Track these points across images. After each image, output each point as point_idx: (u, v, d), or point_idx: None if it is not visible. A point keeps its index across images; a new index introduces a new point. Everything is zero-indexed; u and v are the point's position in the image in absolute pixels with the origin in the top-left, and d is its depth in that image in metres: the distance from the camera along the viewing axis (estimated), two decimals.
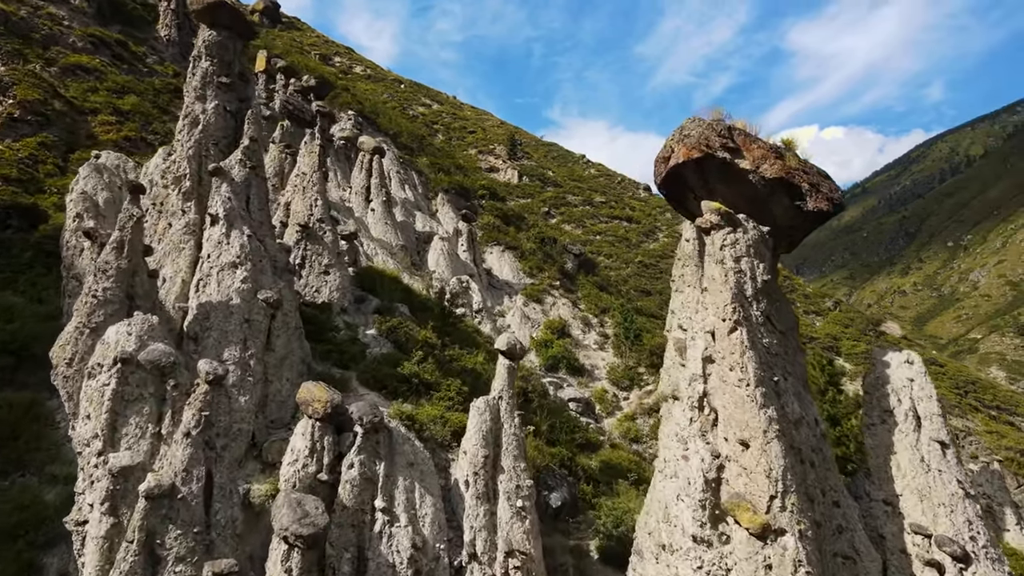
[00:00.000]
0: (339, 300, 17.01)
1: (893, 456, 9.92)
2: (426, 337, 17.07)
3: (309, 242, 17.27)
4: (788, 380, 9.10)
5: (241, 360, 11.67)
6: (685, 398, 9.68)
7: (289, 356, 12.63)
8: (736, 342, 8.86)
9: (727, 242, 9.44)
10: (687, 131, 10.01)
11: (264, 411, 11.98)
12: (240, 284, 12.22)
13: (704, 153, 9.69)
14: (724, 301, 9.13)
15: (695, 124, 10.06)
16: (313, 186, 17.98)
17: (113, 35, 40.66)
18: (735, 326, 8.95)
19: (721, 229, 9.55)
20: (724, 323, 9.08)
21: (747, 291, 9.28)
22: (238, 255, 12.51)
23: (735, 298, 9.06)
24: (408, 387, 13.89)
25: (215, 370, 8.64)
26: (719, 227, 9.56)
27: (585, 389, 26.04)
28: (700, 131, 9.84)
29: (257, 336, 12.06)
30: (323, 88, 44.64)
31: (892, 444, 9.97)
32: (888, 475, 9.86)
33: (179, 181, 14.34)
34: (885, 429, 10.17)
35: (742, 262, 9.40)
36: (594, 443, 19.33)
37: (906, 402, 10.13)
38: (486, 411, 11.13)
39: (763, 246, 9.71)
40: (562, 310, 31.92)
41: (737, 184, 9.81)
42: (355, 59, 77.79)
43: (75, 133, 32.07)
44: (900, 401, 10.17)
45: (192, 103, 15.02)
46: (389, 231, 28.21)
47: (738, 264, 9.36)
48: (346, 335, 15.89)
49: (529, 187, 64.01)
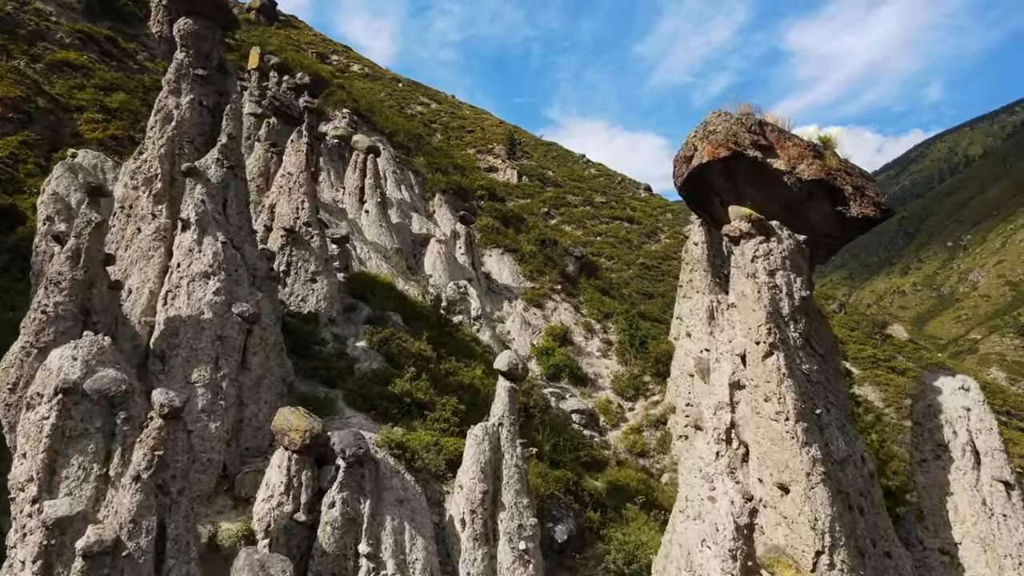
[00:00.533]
0: (327, 310, 15.82)
1: (950, 498, 8.78)
2: (420, 349, 15.89)
3: (295, 247, 16.08)
4: (831, 412, 7.96)
5: (212, 382, 10.49)
6: (710, 429, 8.52)
7: (267, 376, 11.44)
8: (772, 369, 7.71)
9: (759, 253, 8.29)
10: (712, 127, 8.85)
11: (238, 438, 10.80)
12: (212, 296, 11.03)
13: (732, 152, 8.54)
14: (757, 321, 7.98)
15: (721, 119, 8.90)
16: (300, 187, 16.79)
17: (102, 31, 39.46)
18: (770, 350, 7.81)
19: (752, 238, 8.40)
20: (757, 346, 7.93)
21: (783, 309, 8.13)
22: (210, 264, 11.32)
23: (770, 317, 7.92)
24: (399, 408, 12.70)
25: (171, 401, 7.46)
26: (750, 236, 8.41)
27: (588, 399, 24.87)
28: (727, 127, 8.69)
29: (231, 354, 10.87)
30: (317, 85, 43.41)
31: (948, 484, 8.84)
32: (944, 520, 8.73)
33: (150, 182, 13.15)
34: (939, 466, 9.03)
35: (777, 276, 8.25)
36: (600, 461, 18.17)
37: (962, 435, 8.99)
38: (484, 440, 9.95)
39: (800, 257, 8.56)
40: (564, 315, 30.75)
41: (770, 187, 8.67)
42: (352, 57, 76.56)
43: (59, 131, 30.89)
44: (955, 434, 9.03)
45: (165, 97, 13.82)
46: (384, 233, 27.02)
47: (772, 278, 8.21)
48: (333, 348, 14.71)
49: (529, 187, 62.83)
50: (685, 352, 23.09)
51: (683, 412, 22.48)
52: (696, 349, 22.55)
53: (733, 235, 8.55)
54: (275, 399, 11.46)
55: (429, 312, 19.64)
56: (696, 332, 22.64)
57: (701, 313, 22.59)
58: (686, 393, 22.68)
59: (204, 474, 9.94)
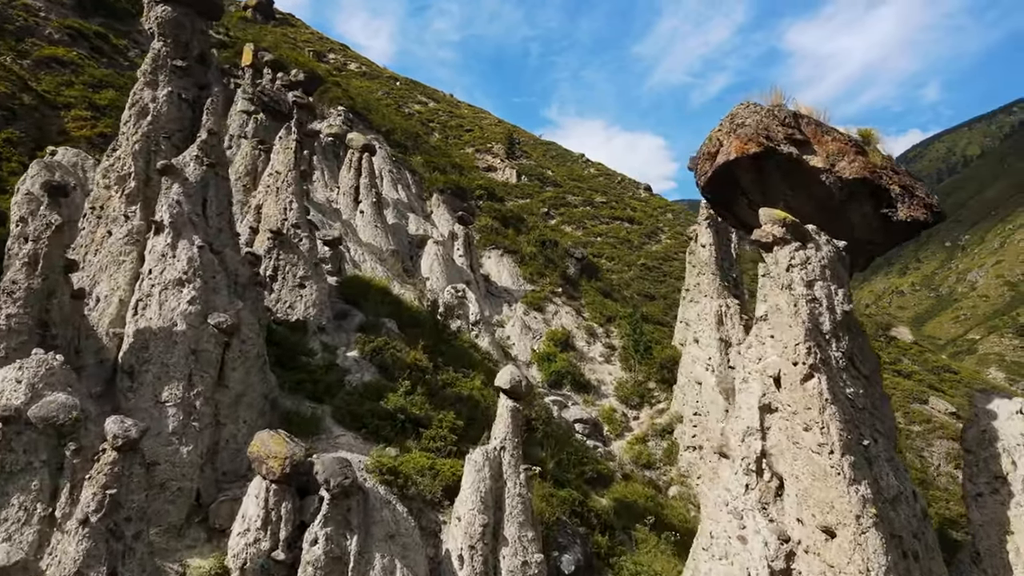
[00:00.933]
0: (316, 317, 14.86)
1: (1010, 537, 7.87)
2: (416, 359, 14.93)
3: (282, 251, 15.12)
4: (879, 442, 7.03)
5: (185, 401, 9.52)
6: (738, 457, 7.59)
7: (247, 392, 10.48)
8: (813, 394, 6.79)
9: (795, 261, 7.37)
10: (740, 119, 7.91)
11: (213, 462, 9.83)
12: (186, 306, 10.07)
13: (764, 147, 7.61)
14: (794, 338, 7.06)
15: (750, 111, 7.97)
16: (288, 186, 15.82)
17: (93, 27, 38.47)
18: (810, 372, 6.88)
19: (787, 244, 7.47)
20: (795, 367, 7.00)
21: (823, 325, 7.20)
22: (185, 270, 10.35)
23: (809, 335, 6.99)
24: (392, 425, 11.75)
25: (126, 432, 6.50)
26: (784, 242, 7.48)
27: (592, 407, 23.93)
28: (758, 120, 7.76)
29: (206, 370, 9.91)
30: (312, 83, 42.43)
31: (1008, 521, 7.93)
32: (1005, 562, 7.81)
33: (123, 181, 12.18)
34: (997, 501, 8.12)
35: (816, 287, 7.32)
36: (605, 475, 17.23)
37: (1022, 466, 8.08)
38: (485, 466, 9.00)
39: (840, 266, 7.64)
40: (565, 319, 29.80)
41: (806, 187, 7.74)
42: (350, 56, 75.53)
43: (45, 129, 29.95)
44: (1015, 464, 8.12)
45: (140, 90, 12.86)
46: (379, 235, 26.05)
47: (811, 290, 7.28)
48: (322, 359, 13.75)
49: (528, 187, 61.89)
50: (692, 358, 22.17)
51: (691, 422, 21.57)
52: (704, 356, 21.64)
53: (765, 241, 7.62)
54: (256, 418, 10.50)
55: (426, 318, 18.67)
56: (704, 338, 21.72)
57: (709, 318, 21.67)
58: (693, 402, 21.76)
59: (174, 504, 8.98)
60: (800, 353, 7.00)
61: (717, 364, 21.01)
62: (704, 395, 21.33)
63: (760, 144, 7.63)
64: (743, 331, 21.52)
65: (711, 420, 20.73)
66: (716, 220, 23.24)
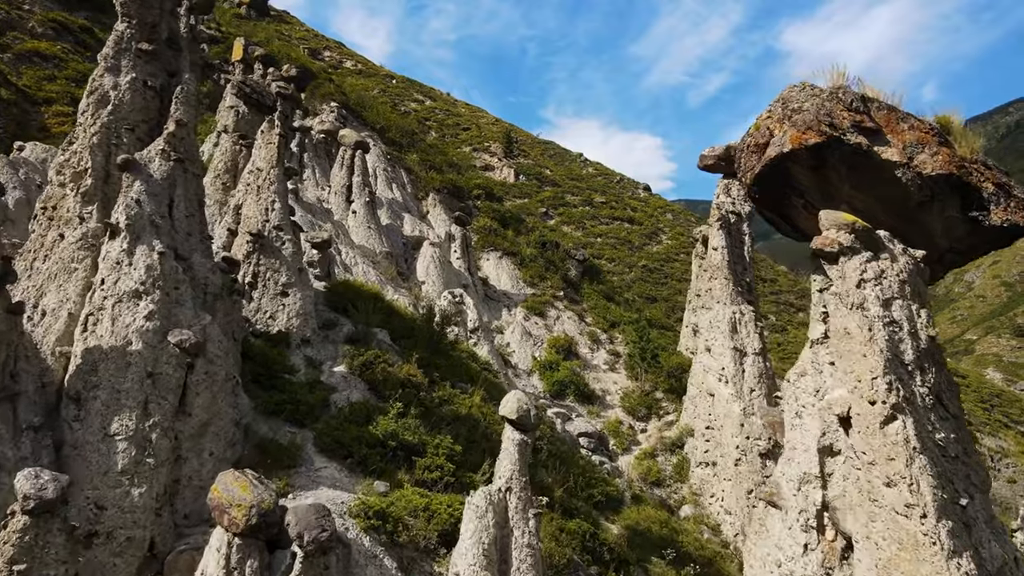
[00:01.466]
0: (299, 328, 13.51)
1: None
2: (409, 374, 13.60)
3: (263, 255, 13.76)
4: (976, 499, 5.76)
5: (138, 433, 8.18)
6: (792, 509, 6.29)
7: (215, 420, 9.13)
8: (897, 441, 5.51)
9: (868, 275, 6.07)
10: (796, 104, 6.60)
11: (172, 504, 8.50)
12: (143, 322, 8.72)
13: (827, 137, 6.32)
14: (870, 371, 5.77)
15: (807, 94, 6.66)
16: (270, 185, 14.47)
17: (78, 21, 37.14)
18: (893, 413, 5.60)
19: (856, 255, 6.18)
20: (872, 408, 5.71)
21: (905, 355, 5.91)
22: (142, 280, 9.00)
23: (889, 367, 5.71)
24: (382, 454, 10.41)
25: (40, 491, 5.18)
26: (853, 251, 6.19)
27: (596, 419, 22.64)
28: (818, 104, 6.46)
29: (165, 396, 8.57)
30: (305, 78, 41.02)
31: None
32: None
33: (78, 178, 10.82)
34: None
35: (894, 307, 6.03)
36: (615, 498, 15.93)
37: None
38: (488, 512, 7.68)
39: (920, 281, 6.35)
40: (567, 325, 28.51)
41: (877, 184, 6.45)
42: (345, 54, 74.15)
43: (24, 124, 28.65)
44: None
45: (100, 76, 11.50)
46: (372, 236, 24.72)
47: (888, 310, 5.99)
48: (305, 376, 12.41)
49: (526, 186, 60.62)
50: (704, 368, 20.88)
51: (703, 436, 20.29)
52: (717, 365, 20.36)
53: (829, 251, 6.32)
54: (224, 449, 9.16)
55: (421, 326, 17.34)
56: (717, 346, 20.43)
57: (723, 326, 20.38)
58: (705, 414, 20.48)
59: (121, 557, 7.64)
60: (879, 390, 5.71)
61: (731, 375, 19.73)
62: (717, 407, 20.06)
63: (822, 133, 6.34)
64: (759, 340, 20.25)
65: (725, 434, 19.46)
66: (728, 221, 21.97)
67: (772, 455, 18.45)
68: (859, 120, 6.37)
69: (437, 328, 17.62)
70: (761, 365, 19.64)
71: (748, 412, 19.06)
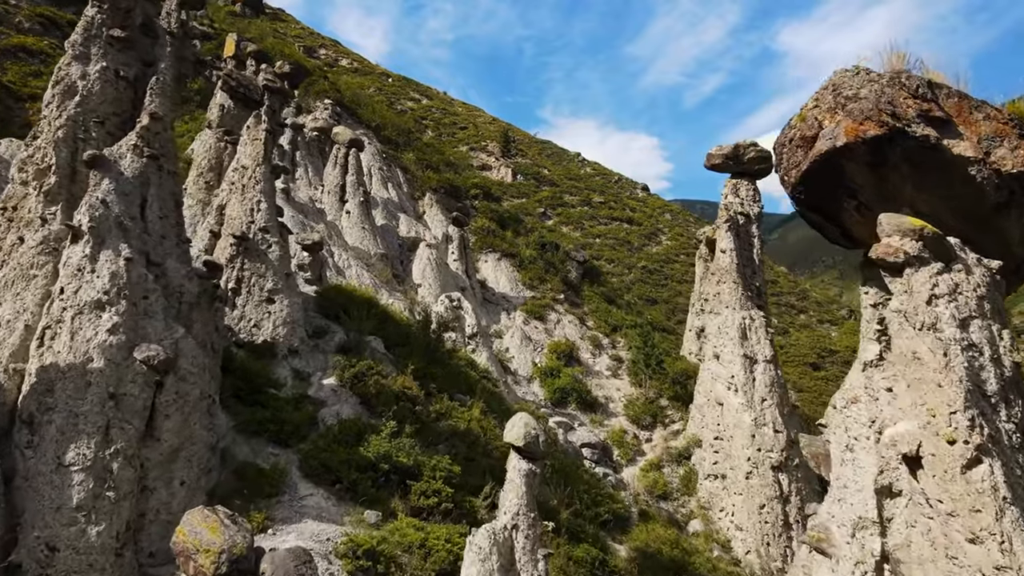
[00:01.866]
0: (286, 338, 12.59)
1: None
2: (404, 386, 12.72)
3: (247, 259, 12.84)
4: None
5: (97, 463, 7.26)
6: (844, 558, 5.43)
7: (186, 445, 8.22)
8: (983, 489, 4.64)
9: (941, 290, 5.19)
10: (849, 90, 5.70)
11: (137, 541, 7.58)
12: (106, 336, 7.81)
13: (889, 129, 5.45)
14: (947, 403, 4.91)
15: (862, 79, 5.76)
16: (256, 183, 13.54)
17: (67, 16, 36.14)
18: (978, 456, 4.73)
19: (924, 266, 5.31)
20: (951, 448, 4.84)
21: (987, 384, 5.05)
22: (106, 289, 8.09)
23: (970, 399, 4.84)
24: (374, 478, 9.51)
25: None
26: (921, 262, 5.31)
27: (600, 428, 21.77)
28: (878, 90, 5.57)
29: (129, 420, 7.65)
30: (298, 75, 40.02)
31: None
32: None
33: (41, 176, 9.89)
34: None
35: (972, 329, 5.15)
36: (622, 516, 15.07)
37: None
38: (492, 554, 6.78)
39: (999, 297, 5.50)
40: (568, 329, 27.62)
41: (945, 184, 5.58)
42: (341, 52, 73.15)
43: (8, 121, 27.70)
44: None
45: (67, 65, 10.57)
46: (367, 237, 23.80)
47: (965, 332, 5.11)
48: (292, 391, 11.50)
49: (524, 186, 59.76)
50: (712, 376, 20.02)
51: (711, 447, 19.43)
52: (726, 373, 19.50)
53: (892, 261, 5.44)
54: (197, 477, 8.25)
55: (417, 333, 16.46)
56: (726, 353, 19.57)
57: (732, 332, 19.52)
58: (714, 424, 19.61)
59: None
60: (959, 427, 4.83)
61: (742, 383, 18.88)
62: (726, 417, 19.20)
63: (882, 124, 5.45)
64: (770, 347, 19.41)
65: (735, 446, 18.61)
66: (737, 223, 21.11)
67: (785, 468, 17.61)
68: (926, 109, 5.49)
69: (434, 335, 16.74)
70: (772, 373, 18.79)
71: (760, 422, 18.22)
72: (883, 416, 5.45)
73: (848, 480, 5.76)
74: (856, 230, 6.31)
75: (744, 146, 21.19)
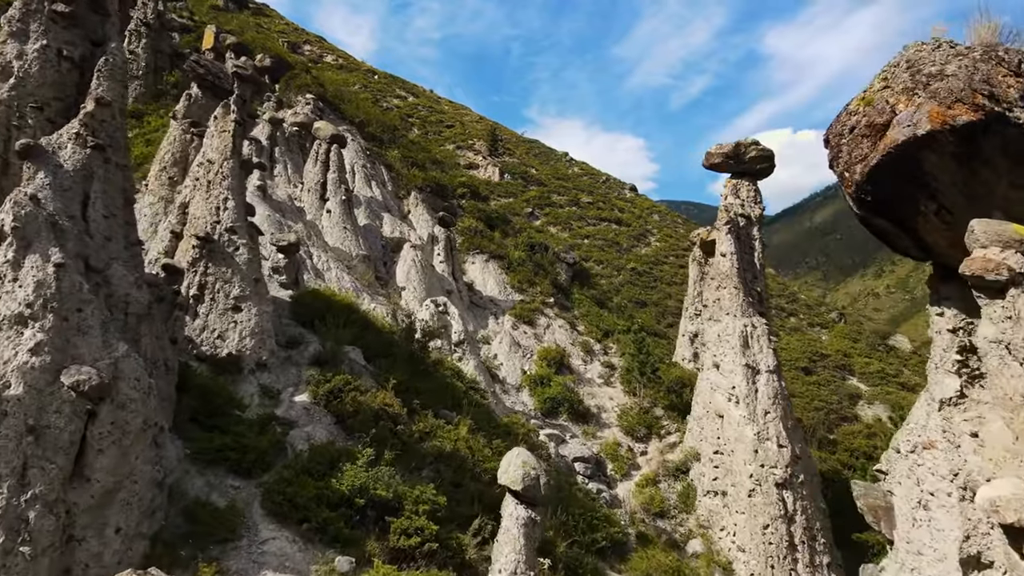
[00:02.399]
0: (254, 350, 11.37)
1: None
2: (385, 404, 11.57)
3: (211, 262, 11.60)
4: None
5: (9, 512, 6.04)
6: None
7: (125, 484, 7.01)
8: None
9: None
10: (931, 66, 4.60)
11: None
12: (27, 357, 6.59)
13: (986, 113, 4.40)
14: None
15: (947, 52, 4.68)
16: (223, 179, 12.30)
17: None
18: None
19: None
20: None
21: None
22: (29, 301, 6.86)
23: None
24: (347, 516, 8.34)
25: None
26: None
27: (593, 440, 20.73)
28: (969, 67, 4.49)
29: (52, 456, 6.44)
30: (280, 69, 38.70)
31: None
32: None
33: None
34: None
35: None
36: (619, 541, 14.03)
37: None
38: None
39: None
40: (558, 334, 26.56)
41: None
42: (326, 48, 71.57)
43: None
44: None
45: (3, 43, 9.31)
46: (348, 238, 22.57)
47: None
48: (258, 411, 10.30)
49: (512, 185, 58.59)
50: (711, 386, 19.04)
51: (711, 461, 18.43)
52: (726, 384, 18.52)
53: (990, 278, 4.41)
54: (137, 522, 7.04)
55: (400, 343, 15.30)
56: (726, 363, 18.59)
57: (733, 340, 18.56)
58: (713, 437, 18.62)
59: None
60: None
61: (743, 394, 17.91)
62: (727, 430, 18.22)
63: (977, 108, 4.39)
64: (773, 356, 18.47)
65: (736, 461, 17.63)
66: (738, 225, 20.16)
67: (789, 486, 16.67)
68: None
69: (418, 345, 15.58)
70: (776, 384, 17.85)
71: (763, 436, 17.27)
72: (968, 468, 4.44)
73: (923, 546, 4.72)
74: (933, 238, 5.25)
75: (745, 144, 20.25)
